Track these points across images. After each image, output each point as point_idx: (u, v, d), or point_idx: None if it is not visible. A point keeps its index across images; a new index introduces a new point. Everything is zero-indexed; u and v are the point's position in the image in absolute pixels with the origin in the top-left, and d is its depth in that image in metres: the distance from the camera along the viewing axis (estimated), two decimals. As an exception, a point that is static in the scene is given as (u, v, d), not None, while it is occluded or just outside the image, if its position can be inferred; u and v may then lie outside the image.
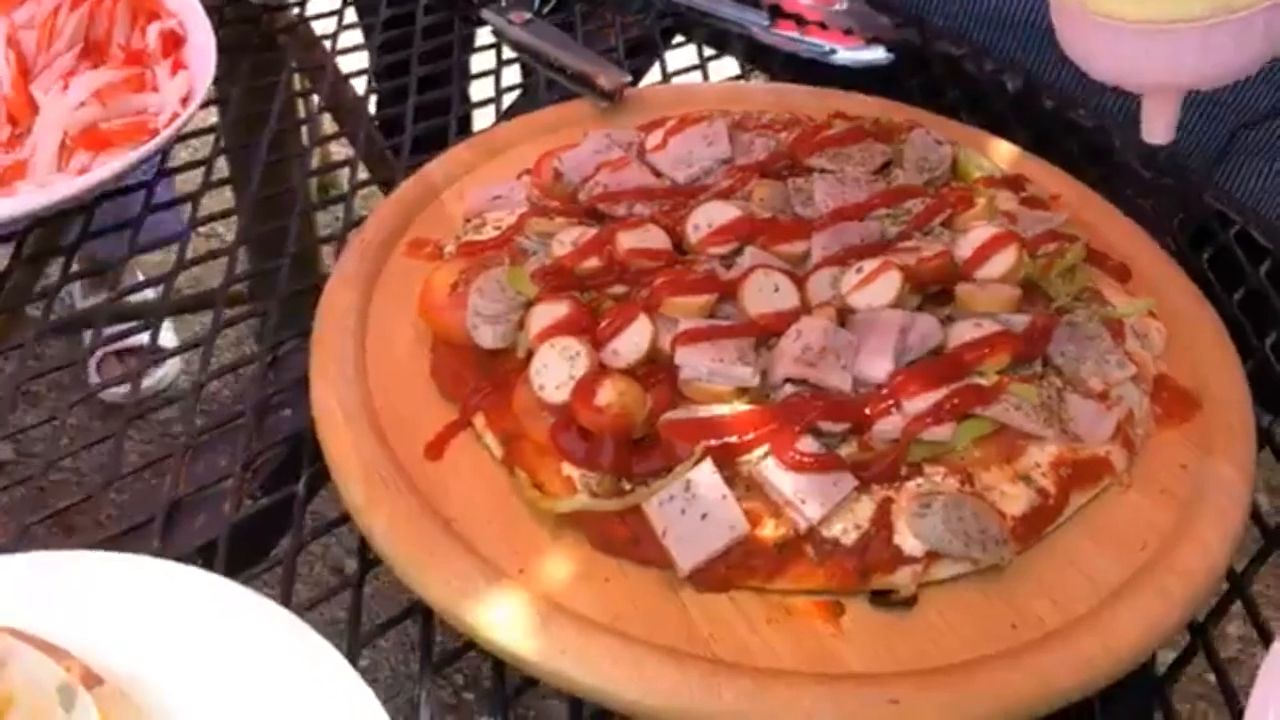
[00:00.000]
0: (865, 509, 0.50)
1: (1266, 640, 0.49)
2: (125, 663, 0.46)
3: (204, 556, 0.54)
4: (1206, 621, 0.53)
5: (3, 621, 0.45)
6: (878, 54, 0.87)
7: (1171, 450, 0.56)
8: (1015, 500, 0.51)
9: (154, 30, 0.78)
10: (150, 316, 0.70)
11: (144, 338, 0.67)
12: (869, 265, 0.57)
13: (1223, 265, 0.74)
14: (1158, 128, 0.63)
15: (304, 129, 0.91)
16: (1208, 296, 0.67)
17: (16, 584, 0.48)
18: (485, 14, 0.89)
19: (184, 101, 0.74)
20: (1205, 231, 0.77)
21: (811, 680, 0.45)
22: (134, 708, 0.45)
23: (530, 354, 0.55)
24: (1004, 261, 0.58)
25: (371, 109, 0.92)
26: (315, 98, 0.88)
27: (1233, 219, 0.77)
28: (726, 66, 0.93)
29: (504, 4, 0.88)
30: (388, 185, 0.80)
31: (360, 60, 0.93)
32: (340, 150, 0.88)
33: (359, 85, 0.91)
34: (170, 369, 1.66)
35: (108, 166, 0.68)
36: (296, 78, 0.91)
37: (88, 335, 0.67)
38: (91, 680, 0.44)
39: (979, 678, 0.46)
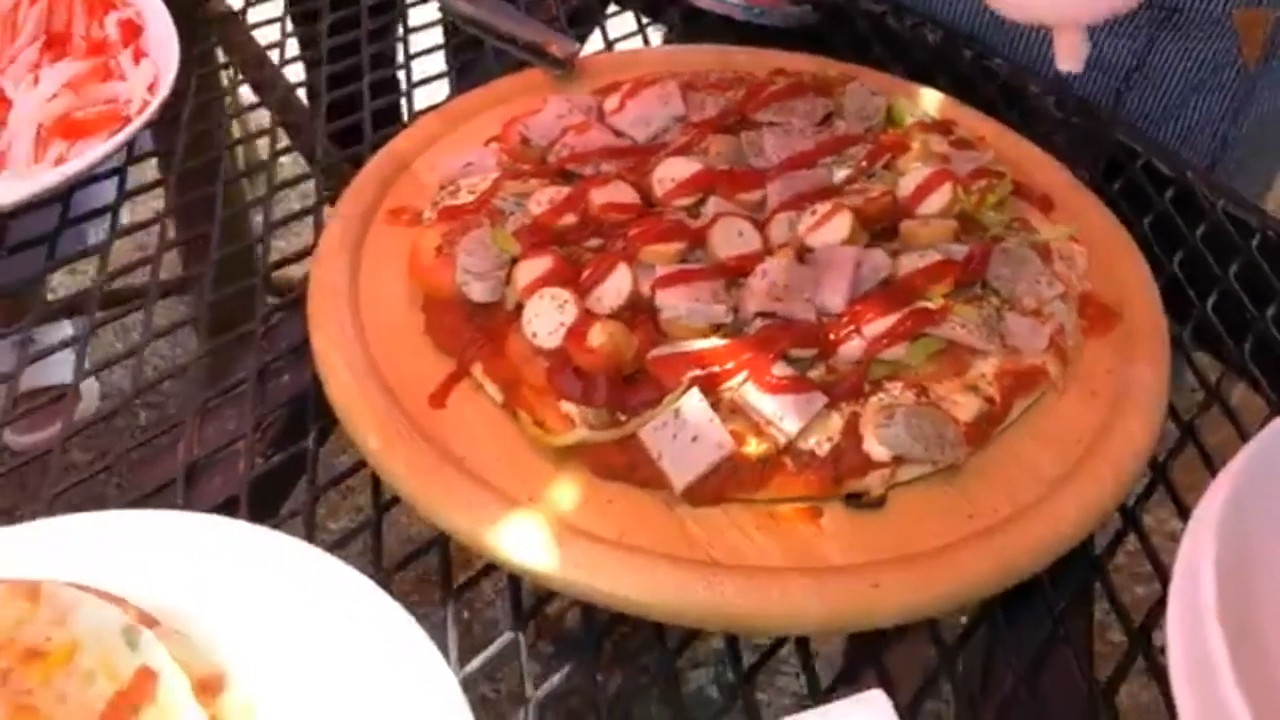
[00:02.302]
0: (835, 423, 0.55)
1: (1185, 517, 0.56)
2: (173, 607, 0.50)
3: (225, 513, 0.58)
4: (1135, 505, 0.60)
5: (61, 578, 0.49)
6: (806, 13, 0.92)
7: (1098, 357, 0.63)
8: (966, 408, 0.57)
9: (112, 20, 0.80)
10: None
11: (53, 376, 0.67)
12: (821, 208, 0.63)
13: (1133, 194, 0.81)
14: (1070, 58, 0.69)
15: (226, 100, 0.93)
16: (1121, 223, 0.74)
17: (66, 544, 0.52)
18: (432, -9, 0.92)
19: (151, 88, 0.76)
20: (1115, 164, 0.84)
21: (799, 574, 0.51)
22: (189, 643, 0.48)
23: (519, 306, 0.59)
24: (941, 198, 0.64)
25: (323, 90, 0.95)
26: (232, 70, 0.91)
27: (1139, 152, 0.85)
28: (662, 32, 0.98)
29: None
30: (308, 152, 0.84)
31: (274, 33, 0.95)
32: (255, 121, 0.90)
33: (275, 58, 0.93)
34: (87, 397, 1.51)
35: (86, 155, 0.70)
36: (218, 52, 0.93)
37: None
38: (149, 621, 0.48)
39: (944, 561, 0.52)
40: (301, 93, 0.91)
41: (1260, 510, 0.52)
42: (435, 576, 0.55)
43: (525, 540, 0.51)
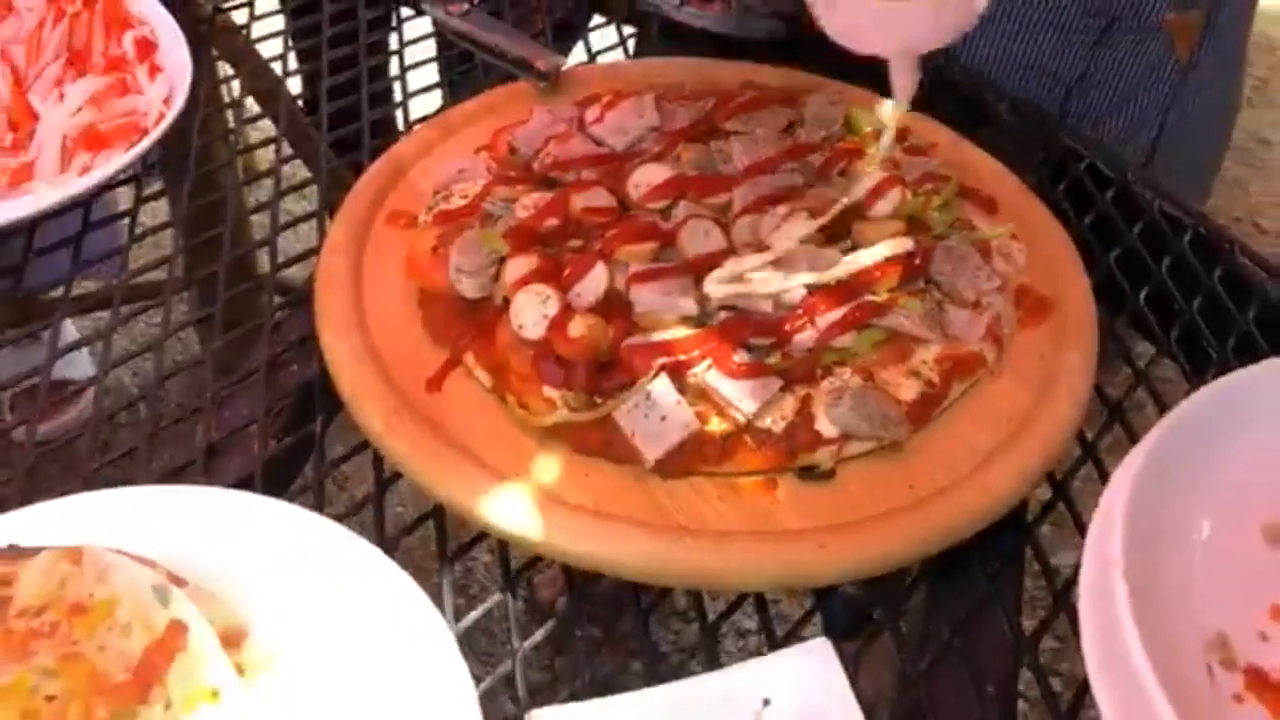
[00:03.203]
0: (789, 404, 0.61)
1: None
2: (198, 569, 0.56)
3: (242, 489, 0.64)
4: (1065, 478, 0.67)
5: (100, 545, 0.55)
6: (777, 27, 0.98)
7: (1031, 344, 0.69)
8: (908, 390, 0.63)
9: (129, 38, 0.86)
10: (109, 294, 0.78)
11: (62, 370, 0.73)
12: (781, 210, 0.69)
13: (1076, 194, 0.88)
14: (904, 87, 0.72)
15: (229, 112, 0.99)
16: (1064, 222, 0.80)
17: (103, 515, 0.58)
18: (425, 6, 0.98)
19: (166, 101, 0.82)
20: (1061, 166, 0.91)
21: (756, 537, 0.57)
22: (215, 600, 0.54)
23: (507, 300, 0.65)
24: (891, 201, 0.71)
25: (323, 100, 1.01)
26: (237, 83, 0.97)
27: (1083, 154, 0.91)
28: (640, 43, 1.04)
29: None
30: (311, 160, 0.90)
31: (277, 46, 1.00)
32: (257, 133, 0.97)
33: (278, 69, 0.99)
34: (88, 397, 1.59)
35: (109, 164, 0.76)
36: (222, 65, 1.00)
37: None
38: (178, 581, 0.54)
39: (887, 525, 0.58)
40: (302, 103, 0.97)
41: (1169, 475, 0.58)
42: (434, 544, 0.61)
43: (512, 510, 0.57)
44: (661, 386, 0.61)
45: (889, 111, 0.85)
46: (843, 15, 0.70)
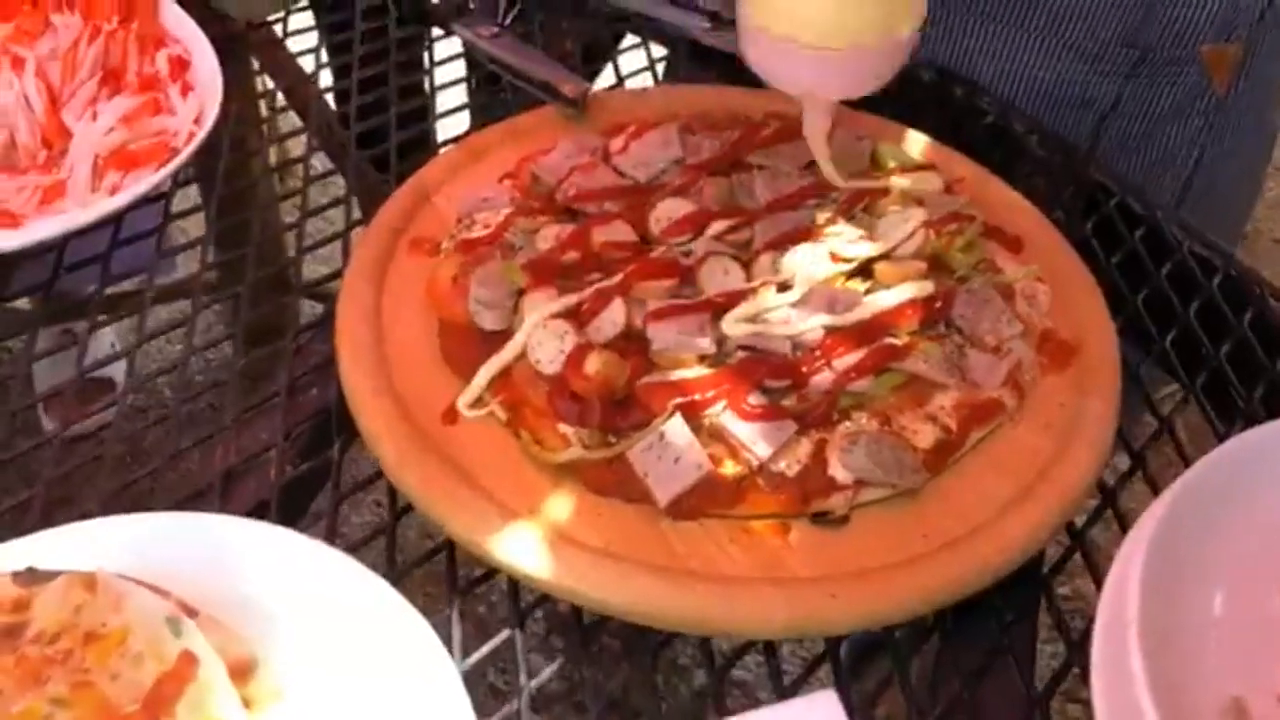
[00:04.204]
0: (804, 448, 0.61)
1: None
2: (209, 598, 0.56)
3: (257, 515, 0.65)
4: (1084, 528, 0.66)
5: (113, 570, 0.55)
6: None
7: (1053, 391, 0.68)
8: (925, 436, 0.63)
9: (162, 56, 0.87)
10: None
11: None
12: (803, 248, 0.69)
13: (1105, 231, 0.87)
14: (817, 129, 0.75)
15: (264, 127, 1.00)
16: (1092, 260, 0.79)
17: (117, 540, 0.58)
18: (455, 27, 0.98)
19: (197, 120, 0.83)
20: (1092, 202, 0.90)
21: (768, 583, 0.57)
22: (225, 631, 0.55)
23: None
24: (913, 241, 0.70)
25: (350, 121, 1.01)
26: (269, 99, 0.98)
27: (1113, 190, 0.90)
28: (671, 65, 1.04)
29: (472, 19, 0.98)
30: (341, 178, 0.90)
31: (309, 63, 1.01)
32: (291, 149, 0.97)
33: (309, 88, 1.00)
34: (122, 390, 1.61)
35: (139, 184, 0.77)
36: (258, 80, 1.00)
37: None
38: (190, 611, 0.55)
39: (899, 575, 0.58)
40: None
41: (1189, 531, 0.58)
42: (444, 577, 0.62)
43: (523, 548, 0.57)
44: (676, 427, 0.60)
45: (917, 145, 0.85)
46: (761, 51, 0.75)
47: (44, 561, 0.56)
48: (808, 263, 0.68)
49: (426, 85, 0.99)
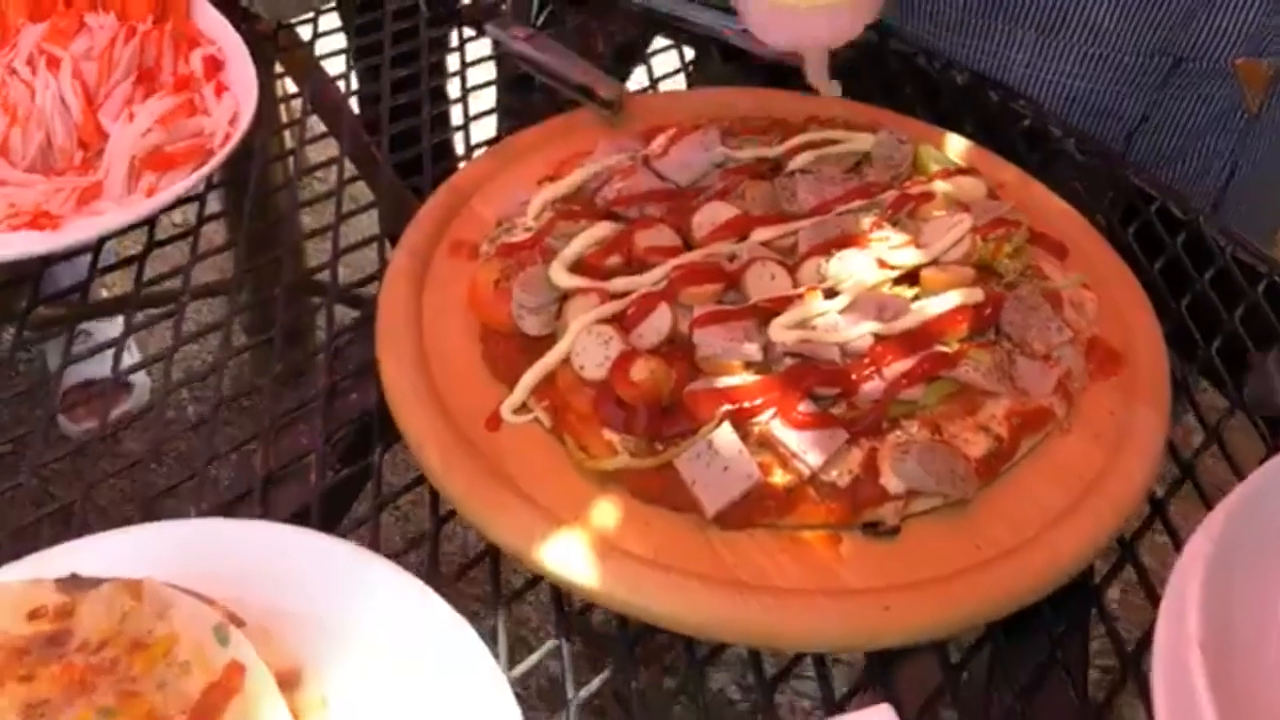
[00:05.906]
0: (855, 457, 0.60)
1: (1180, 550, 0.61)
2: (254, 606, 0.56)
3: (298, 520, 0.64)
4: (1134, 538, 0.65)
5: (159, 577, 0.55)
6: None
7: (1103, 399, 0.67)
8: (976, 445, 0.62)
9: (197, 56, 0.86)
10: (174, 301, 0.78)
11: (105, 368, 0.72)
12: (849, 254, 0.68)
13: (1146, 237, 0.86)
14: (822, 78, 0.88)
15: (285, 133, 0.99)
16: (1133, 264, 0.78)
17: (163, 547, 0.58)
18: (488, 29, 0.98)
19: (232, 122, 0.82)
20: (1132, 207, 0.89)
21: (819, 595, 0.56)
22: (271, 639, 0.54)
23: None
24: (960, 247, 0.69)
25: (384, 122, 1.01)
26: (297, 102, 0.96)
27: (1153, 195, 0.89)
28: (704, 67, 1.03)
29: (505, 20, 0.97)
30: (373, 182, 0.89)
31: (340, 64, 1.00)
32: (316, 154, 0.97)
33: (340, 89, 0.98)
34: (139, 390, 1.54)
35: (175, 186, 0.77)
36: (280, 83, 1.00)
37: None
38: (236, 620, 0.54)
39: (952, 587, 0.57)
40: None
41: (1247, 545, 0.57)
42: (489, 584, 0.61)
43: (568, 556, 0.57)
44: (724, 435, 0.60)
45: (958, 148, 0.84)
46: (753, 12, 0.86)
47: (86, 568, 0.55)
48: (856, 269, 0.67)
49: (458, 88, 0.98)
